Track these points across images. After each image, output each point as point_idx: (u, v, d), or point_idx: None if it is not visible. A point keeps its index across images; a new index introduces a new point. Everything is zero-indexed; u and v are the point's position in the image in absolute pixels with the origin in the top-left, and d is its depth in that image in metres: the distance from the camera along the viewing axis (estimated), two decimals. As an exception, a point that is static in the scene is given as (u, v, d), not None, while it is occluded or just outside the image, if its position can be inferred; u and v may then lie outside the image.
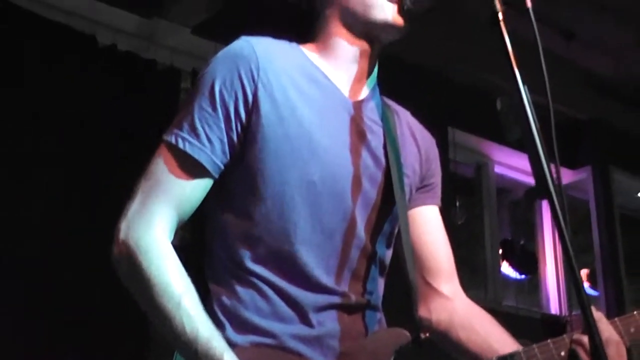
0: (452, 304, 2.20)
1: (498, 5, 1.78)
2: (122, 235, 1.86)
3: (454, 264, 2.25)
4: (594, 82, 7.45)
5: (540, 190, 1.65)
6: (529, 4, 1.75)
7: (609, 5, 6.29)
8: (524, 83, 1.73)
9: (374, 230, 2.02)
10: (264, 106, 1.91)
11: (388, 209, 2.05)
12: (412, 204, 2.19)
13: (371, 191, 2.02)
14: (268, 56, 1.95)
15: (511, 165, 7.47)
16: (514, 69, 1.72)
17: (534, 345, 2.00)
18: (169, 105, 4.94)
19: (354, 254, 1.98)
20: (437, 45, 6.35)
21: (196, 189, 1.90)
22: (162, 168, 1.90)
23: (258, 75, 1.92)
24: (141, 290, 1.83)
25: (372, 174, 2.03)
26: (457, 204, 6.22)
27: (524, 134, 1.68)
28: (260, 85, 1.91)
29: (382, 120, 2.12)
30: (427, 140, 2.27)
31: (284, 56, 2.00)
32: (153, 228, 1.85)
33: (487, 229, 7.29)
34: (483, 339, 2.11)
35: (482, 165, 7.46)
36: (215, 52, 1.99)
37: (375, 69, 2.16)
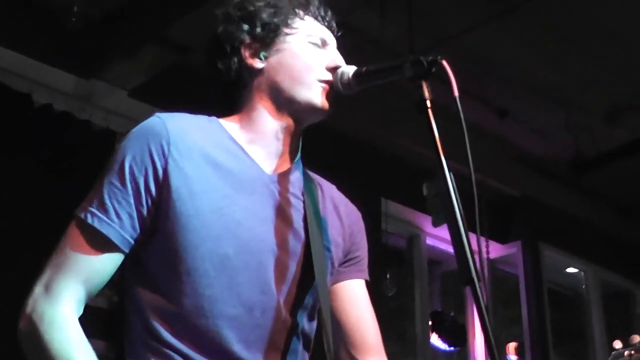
0: None
1: (426, 93, 1.82)
2: (28, 309, 1.85)
3: (381, 338, 2.23)
4: (525, 159, 7.60)
5: (463, 278, 1.67)
6: (455, 93, 1.77)
7: (540, 86, 6.45)
8: (450, 170, 1.74)
9: (295, 304, 2.01)
10: (175, 181, 1.90)
11: (309, 283, 2.03)
12: (338, 277, 2.18)
13: (291, 265, 2.00)
14: (180, 132, 1.95)
15: (443, 237, 7.52)
16: (440, 157, 1.74)
17: None
18: (102, 166, 4.89)
19: (275, 327, 1.95)
20: (371, 118, 6.42)
21: (105, 265, 1.89)
22: (71, 243, 1.89)
23: (169, 150, 1.91)
24: None
25: (292, 247, 2.01)
26: (388, 275, 6.25)
27: (449, 224, 1.69)
28: (170, 161, 1.91)
29: (303, 194, 2.11)
30: (352, 215, 2.26)
31: (198, 131, 2.00)
32: (59, 303, 1.83)
33: (417, 300, 7.30)
34: None
35: (414, 237, 7.50)
36: (152, 115, 2.00)
37: (299, 144, 2.16)
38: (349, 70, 2.05)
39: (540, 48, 5.98)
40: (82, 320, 1.88)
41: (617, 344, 2.11)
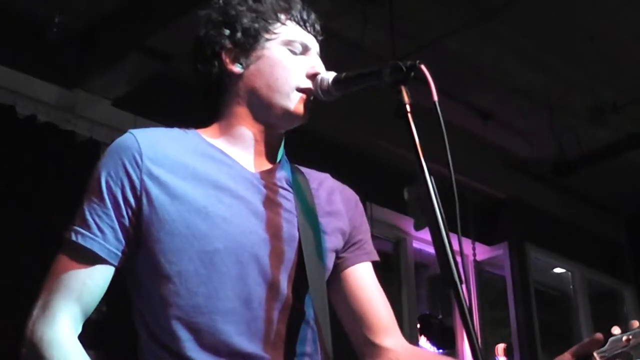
0: (396, 355, 2.16)
1: (405, 98, 1.82)
2: (28, 334, 1.87)
3: (394, 318, 2.23)
4: (510, 161, 7.63)
5: (445, 280, 1.68)
6: (435, 97, 1.78)
7: (523, 88, 6.48)
8: (431, 173, 1.75)
9: (300, 291, 2.01)
10: (153, 190, 1.93)
11: None
12: (344, 264, 2.18)
13: (288, 252, 2.00)
14: (151, 143, 1.98)
15: (429, 240, 7.47)
16: (421, 161, 1.75)
17: None
18: (88, 177, 4.89)
19: (279, 317, 1.96)
20: (356, 122, 6.44)
21: (96, 280, 1.91)
22: (61, 264, 1.92)
23: (142, 160, 1.94)
24: None
25: (288, 236, 2.02)
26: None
27: (430, 227, 1.70)
28: (145, 170, 1.94)
29: (292, 186, 2.12)
30: (349, 199, 2.26)
31: (171, 141, 2.03)
32: (56, 323, 1.86)
33: (405, 304, 7.31)
34: None
35: (400, 241, 7.52)
36: (135, 124, 2.03)
37: (281, 145, 2.18)
38: (329, 76, 2.06)
39: (522, 51, 6.01)
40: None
41: (616, 330, 2.13)
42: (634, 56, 6.09)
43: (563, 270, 8.86)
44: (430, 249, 7.52)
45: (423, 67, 1.82)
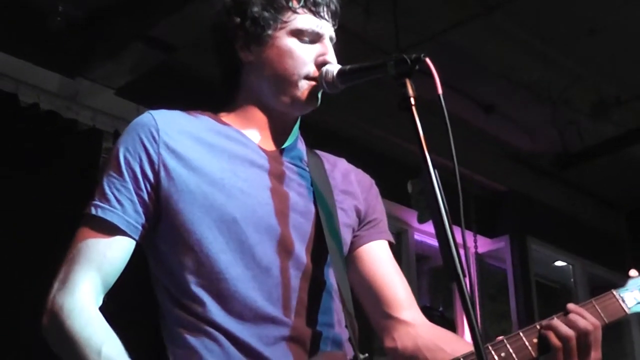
0: (414, 329, 2.18)
1: (410, 90, 1.82)
2: (48, 305, 1.90)
3: (411, 293, 2.25)
4: (512, 154, 7.63)
5: (449, 274, 1.68)
6: (439, 90, 1.78)
7: (526, 81, 6.48)
8: (435, 166, 1.75)
9: (318, 261, 2.05)
10: (171, 163, 1.97)
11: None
12: (359, 241, 2.22)
13: (305, 224, 2.05)
14: (168, 120, 2.03)
15: (430, 232, 7.53)
16: (425, 154, 1.75)
17: (503, 337, 2.02)
18: (89, 165, 4.91)
19: (300, 285, 1.99)
20: (358, 114, 6.43)
21: (115, 251, 1.95)
22: (80, 238, 1.95)
23: (159, 136, 1.99)
24: (68, 349, 1.85)
25: (303, 208, 2.06)
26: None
27: (434, 220, 1.70)
28: (162, 145, 1.99)
29: (308, 165, 2.17)
30: (365, 182, 2.32)
31: (187, 120, 2.08)
32: (76, 292, 1.89)
33: (405, 296, 7.28)
34: (450, 355, 2.05)
35: (402, 232, 7.51)
36: (138, 113, 2.09)
37: (296, 126, 2.20)
38: (333, 68, 2.07)
39: (525, 44, 6.01)
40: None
41: (633, 272, 2.23)
42: (638, 51, 6.09)
43: (564, 264, 8.86)
44: (432, 241, 7.55)
45: (428, 60, 1.83)
